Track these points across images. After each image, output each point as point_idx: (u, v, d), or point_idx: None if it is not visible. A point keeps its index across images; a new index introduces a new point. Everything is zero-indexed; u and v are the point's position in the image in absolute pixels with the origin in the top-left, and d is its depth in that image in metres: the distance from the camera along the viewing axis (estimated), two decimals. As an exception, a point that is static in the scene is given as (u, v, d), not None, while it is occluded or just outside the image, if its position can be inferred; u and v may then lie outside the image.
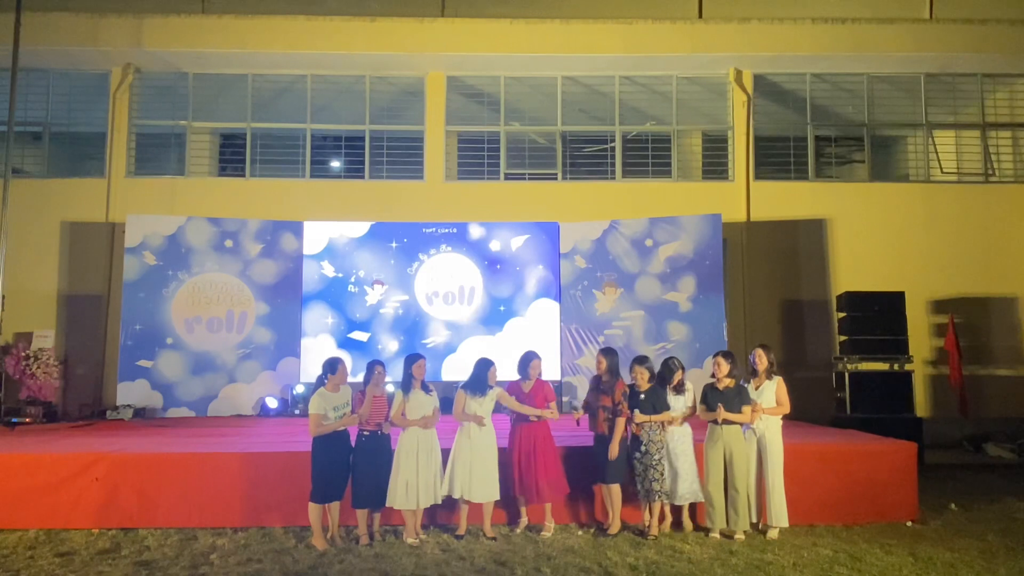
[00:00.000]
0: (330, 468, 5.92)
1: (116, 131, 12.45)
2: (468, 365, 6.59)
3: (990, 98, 13.04)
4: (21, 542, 6.06)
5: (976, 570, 5.48)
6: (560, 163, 12.80)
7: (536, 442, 6.27)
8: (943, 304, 12.14)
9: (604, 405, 6.33)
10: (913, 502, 6.85)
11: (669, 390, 6.48)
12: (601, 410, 6.35)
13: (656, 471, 6.22)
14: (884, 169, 13.63)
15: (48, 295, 12.01)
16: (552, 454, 6.33)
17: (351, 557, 5.69)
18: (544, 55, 12.33)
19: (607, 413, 6.30)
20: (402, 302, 11.51)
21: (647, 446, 6.25)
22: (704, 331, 11.07)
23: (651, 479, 6.21)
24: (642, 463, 6.25)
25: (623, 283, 11.52)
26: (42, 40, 11.73)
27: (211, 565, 5.53)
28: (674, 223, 11.53)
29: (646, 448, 6.25)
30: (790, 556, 5.76)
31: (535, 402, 6.34)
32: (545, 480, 6.20)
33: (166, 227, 11.42)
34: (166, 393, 11.05)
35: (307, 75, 12.76)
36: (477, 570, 5.45)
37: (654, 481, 6.20)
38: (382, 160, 12.80)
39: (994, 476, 9.33)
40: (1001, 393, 12.06)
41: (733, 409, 6.25)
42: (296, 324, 11.40)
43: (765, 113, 12.92)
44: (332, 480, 5.93)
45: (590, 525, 6.60)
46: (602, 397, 6.36)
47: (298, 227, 11.67)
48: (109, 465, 6.49)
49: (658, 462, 6.24)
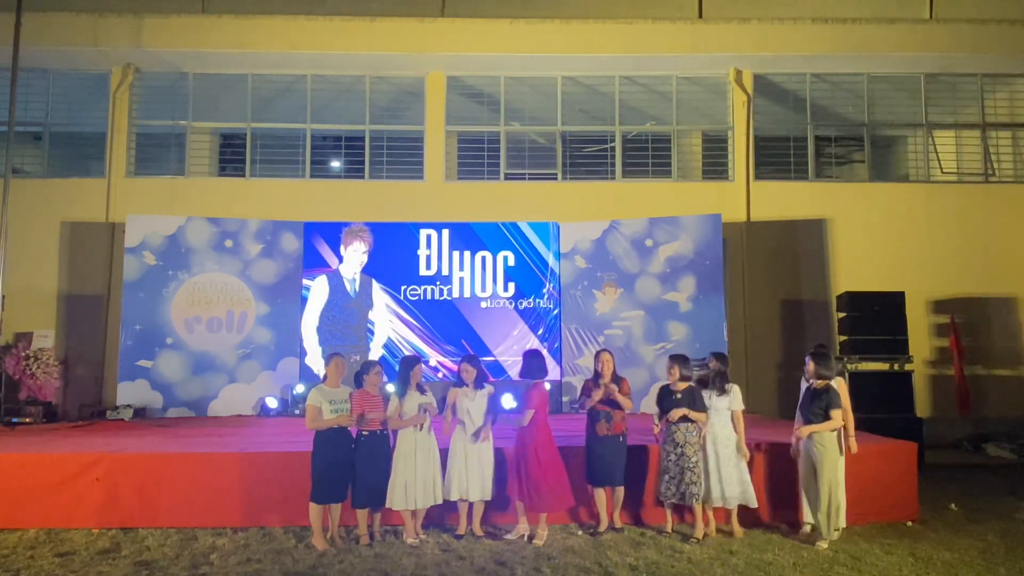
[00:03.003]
0: (331, 468, 5.91)
1: (116, 131, 12.45)
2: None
3: (990, 98, 13.04)
4: (21, 542, 6.06)
5: (976, 570, 5.48)
6: (560, 163, 12.80)
7: (537, 447, 6.11)
8: (943, 304, 12.14)
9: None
10: (913, 502, 6.85)
11: (712, 391, 6.38)
12: (616, 411, 6.32)
13: (694, 473, 6.11)
14: (884, 169, 13.63)
15: (48, 295, 12.01)
16: (556, 461, 6.19)
17: (351, 557, 5.69)
18: (544, 55, 12.33)
19: (622, 413, 6.34)
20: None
21: (683, 448, 6.15)
22: (704, 331, 11.07)
23: (688, 482, 6.09)
24: (678, 465, 6.14)
25: (623, 283, 11.51)
26: (42, 40, 11.74)
27: (211, 565, 5.54)
28: (674, 223, 11.53)
29: (682, 450, 6.15)
30: (790, 556, 5.76)
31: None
32: (547, 488, 6.07)
33: (166, 227, 11.41)
34: (166, 393, 11.05)
35: (307, 75, 12.76)
36: (477, 570, 5.45)
37: (692, 484, 6.09)
38: (382, 160, 12.80)
39: (994, 476, 9.33)
40: (1001, 393, 12.06)
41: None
42: (296, 324, 11.40)
43: (765, 113, 12.91)
44: (333, 480, 5.92)
45: (589, 526, 6.58)
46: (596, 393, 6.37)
47: (298, 227, 11.67)
48: (109, 465, 6.49)
49: (695, 464, 6.14)
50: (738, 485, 6.27)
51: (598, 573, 5.39)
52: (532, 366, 6.34)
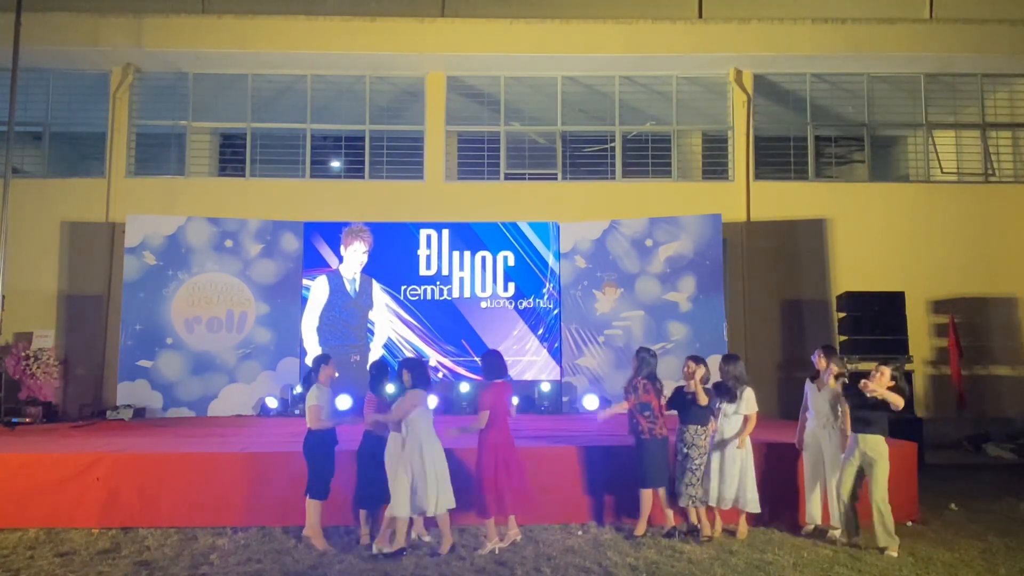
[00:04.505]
0: (328, 463, 5.95)
1: (116, 131, 12.45)
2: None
3: (990, 98, 13.04)
4: (21, 542, 6.06)
5: (976, 570, 5.48)
6: (560, 163, 12.80)
7: (508, 452, 5.90)
8: (943, 304, 12.14)
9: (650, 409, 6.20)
10: (913, 502, 6.86)
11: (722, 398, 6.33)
12: (644, 416, 6.20)
13: (693, 475, 6.14)
14: (884, 169, 13.63)
15: (48, 295, 12.01)
16: (518, 464, 5.97)
17: (351, 557, 5.69)
18: (544, 55, 12.33)
19: (650, 417, 6.18)
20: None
21: (689, 449, 6.17)
22: (704, 331, 11.07)
23: (687, 483, 6.13)
24: (681, 466, 6.20)
25: (623, 283, 11.51)
26: (42, 40, 11.74)
27: (211, 565, 5.54)
28: (674, 223, 11.53)
29: (687, 452, 6.18)
30: (790, 556, 5.76)
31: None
32: (510, 491, 5.83)
33: (166, 227, 11.41)
34: (166, 393, 11.05)
35: (307, 75, 12.76)
36: (477, 570, 5.45)
37: (689, 486, 6.13)
38: (382, 160, 12.80)
39: (994, 476, 9.33)
40: (1001, 393, 12.06)
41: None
42: (296, 324, 11.39)
43: (765, 113, 12.91)
44: (329, 477, 5.96)
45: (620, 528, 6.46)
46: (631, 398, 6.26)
47: (298, 227, 11.67)
48: (109, 465, 6.49)
49: (697, 467, 6.15)
50: (748, 490, 6.21)
51: (598, 573, 5.39)
52: (488, 366, 6.11)
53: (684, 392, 6.26)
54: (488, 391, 5.97)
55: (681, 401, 6.27)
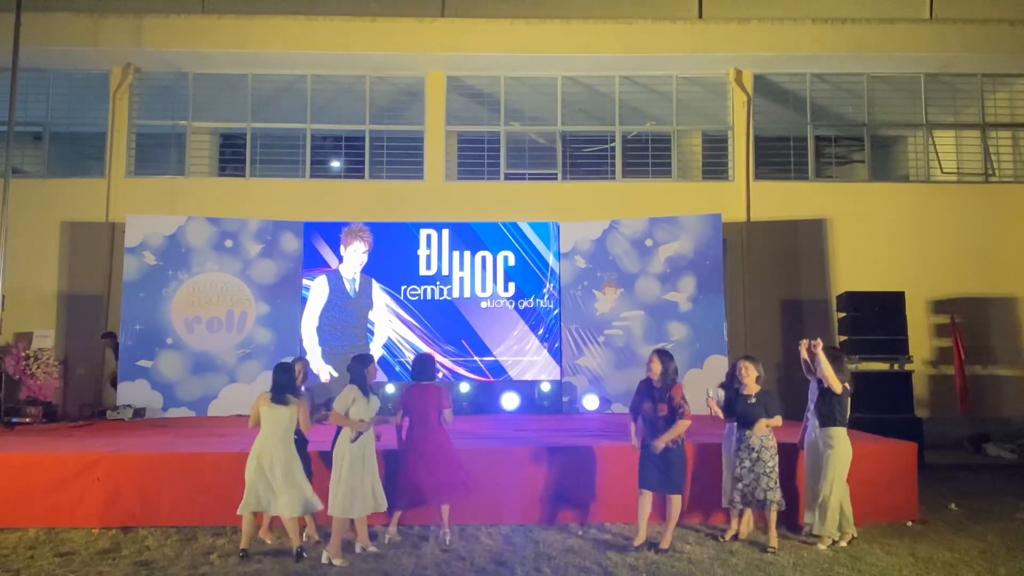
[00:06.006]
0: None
1: (116, 131, 12.44)
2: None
3: (990, 98, 13.04)
4: (21, 542, 6.06)
5: (976, 570, 5.48)
6: (560, 163, 12.79)
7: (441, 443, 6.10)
8: (943, 304, 12.14)
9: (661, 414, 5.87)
10: (913, 502, 6.85)
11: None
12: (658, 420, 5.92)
13: (770, 479, 5.95)
14: (884, 169, 13.63)
15: (48, 295, 12.01)
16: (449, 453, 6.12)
17: (351, 557, 5.69)
18: (544, 55, 12.33)
19: (663, 421, 5.86)
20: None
21: (759, 452, 5.99)
22: (704, 331, 11.07)
23: (765, 488, 5.94)
24: (753, 472, 5.97)
25: (623, 283, 11.51)
26: (42, 40, 11.72)
27: (211, 565, 5.54)
28: (674, 223, 11.52)
29: (758, 455, 5.98)
30: (790, 556, 5.77)
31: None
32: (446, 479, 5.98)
33: (166, 227, 11.40)
34: (166, 393, 11.04)
35: (307, 75, 12.75)
36: (477, 570, 5.45)
37: (769, 491, 5.93)
38: (382, 160, 12.80)
39: (994, 476, 9.33)
40: (1001, 393, 12.06)
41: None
42: (296, 324, 11.39)
43: (765, 113, 12.91)
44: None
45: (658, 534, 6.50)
46: (659, 405, 5.87)
47: (298, 227, 11.66)
48: (109, 465, 6.50)
49: (772, 469, 5.98)
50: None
51: (598, 573, 5.39)
52: (417, 369, 6.32)
53: (744, 396, 6.10)
54: (407, 392, 6.25)
55: (741, 406, 6.09)
